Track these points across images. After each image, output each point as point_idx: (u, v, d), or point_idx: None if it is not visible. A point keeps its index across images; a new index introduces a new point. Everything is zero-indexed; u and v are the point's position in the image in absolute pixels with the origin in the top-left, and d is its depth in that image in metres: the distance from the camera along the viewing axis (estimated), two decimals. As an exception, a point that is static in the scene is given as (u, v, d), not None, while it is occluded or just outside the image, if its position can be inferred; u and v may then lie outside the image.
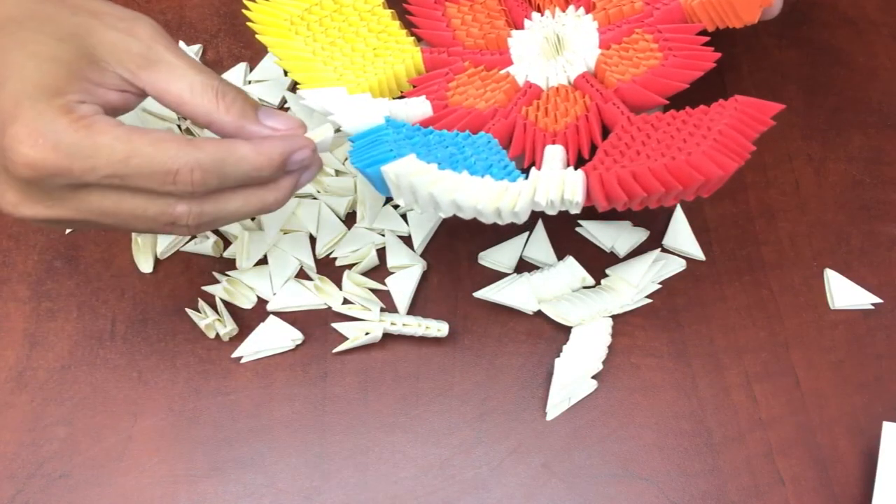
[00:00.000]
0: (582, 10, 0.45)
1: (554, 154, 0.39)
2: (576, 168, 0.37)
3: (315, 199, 0.46)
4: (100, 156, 0.32)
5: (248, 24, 0.44)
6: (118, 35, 0.34)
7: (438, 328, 0.42)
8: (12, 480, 0.40)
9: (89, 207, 0.33)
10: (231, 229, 0.45)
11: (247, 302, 0.44)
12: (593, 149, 0.40)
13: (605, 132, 0.41)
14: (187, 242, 0.45)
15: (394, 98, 0.44)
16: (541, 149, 0.40)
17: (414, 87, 0.44)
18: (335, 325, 0.43)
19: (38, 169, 0.31)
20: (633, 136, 0.39)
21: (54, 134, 0.31)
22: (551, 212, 0.36)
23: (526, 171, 0.38)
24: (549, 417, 0.41)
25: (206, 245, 0.44)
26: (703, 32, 0.41)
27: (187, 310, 0.43)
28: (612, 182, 0.35)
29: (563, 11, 0.45)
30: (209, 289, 0.44)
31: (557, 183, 0.36)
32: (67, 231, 0.46)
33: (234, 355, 0.42)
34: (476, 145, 0.39)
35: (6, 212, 0.33)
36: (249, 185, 0.35)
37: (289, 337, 0.42)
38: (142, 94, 0.35)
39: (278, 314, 0.44)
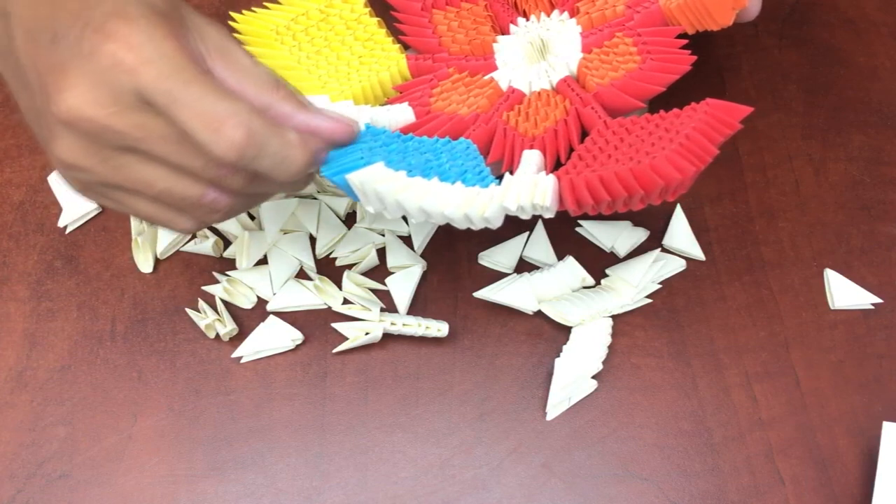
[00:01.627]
0: (566, 14, 0.45)
1: (530, 159, 0.39)
2: (553, 172, 0.37)
3: (315, 199, 0.46)
4: (169, 68, 0.31)
5: (235, 35, 0.44)
6: (202, 20, 0.34)
7: (438, 328, 0.42)
8: (12, 480, 0.40)
9: (141, 167, 0.33)
10: (230, 228, 0.45)
11: (247, 302, 0.44)
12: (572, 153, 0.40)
13: (585, 136, 0.41)
14: (187, 242, 0.45)
15: (379, 105, 0.44)
16: (519, 154, 0.40)
17: (399, 93, 0.44)
18: (335, 325, 0.43)
19: (137, 91, 0.31)
20: (607, 139, 0.39)
21: (162, 58, 0.31)
22: (524, 216, 0.36)
23: (502, 177, 0.37)
24: (549, 417, 0.41)
25: (206, 245, 0.44)
26: (684, 35, 0.42)
27: (187, 310, 0.43)
28: (581, 186, 0.35)
29: (549, 16, 0.45)
30: (209, 289, 0.44)
31: (528, 188, 0.35)
32: (69, 230, 0.46)
33: (234, 355, 0.42)
34: (454, 151, 0.39)
35: (65, 105, 0.32)
36: (273, 174, 0.34)
37: (289, 337, 0.42)
38: None
39: (278, 314, 0.44)
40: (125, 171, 0.33)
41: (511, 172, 0.39)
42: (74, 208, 0.46)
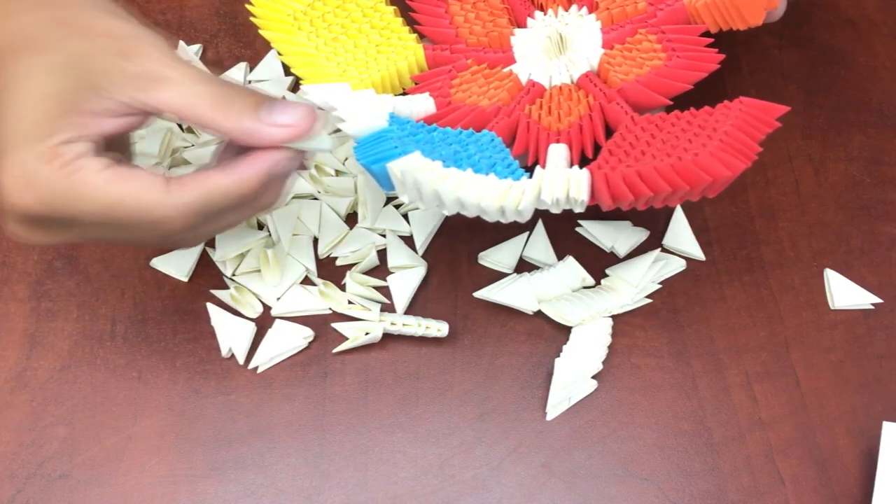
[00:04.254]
0: (585, 9, 0.45)
1: (558, 153, 0.39)
2: (579, 167, 0.37)
3: (316, 199, 0.46)
4: (82, 206, 0.33)
5: (252, 19, 0.44)
6: (113, 59, 0.34)
7: (438, 328, 0.42)
8: (12, 480, 0.40)
9: (89, 236, 0.35)
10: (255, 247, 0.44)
11: (252, 311, 0.43)
12: (597, 148, 0.40)
13: (608, 132, 0.41)
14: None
15: (396, 95, 0.44)
16: (544, 147, 0.40)
17: (417, 83, 0.44)
18: (335, 325, 0.43)
19: (27, 215, 0.33)
20: (637, 135, 0.39)
21: (37, 186, 0.32)
22: (556, 210, 0.36)
23: (529, 170, 0.38)
24: (549, 417, 0.41)
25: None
26: (707, 34, 0.42)
27: (208, 305, 0.43)
28: (617, 181, 0.35)
29: (566, 11, 0.45)
30: (219, 293, 0.44)
31: (563, 182, 0.36)
32: None
33: (251, 366, 0.42)
34: (479, 143, 0.39)
35: (16, 239, 0.35)
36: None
37: (300, 335, 0.42)
38: (146, 114, 0.35)
39: (282, 319, 0.43)
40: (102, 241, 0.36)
41: (539, 165, 0.39)
42: None
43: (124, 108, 0.34)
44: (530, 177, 0.37)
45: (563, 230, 0.45)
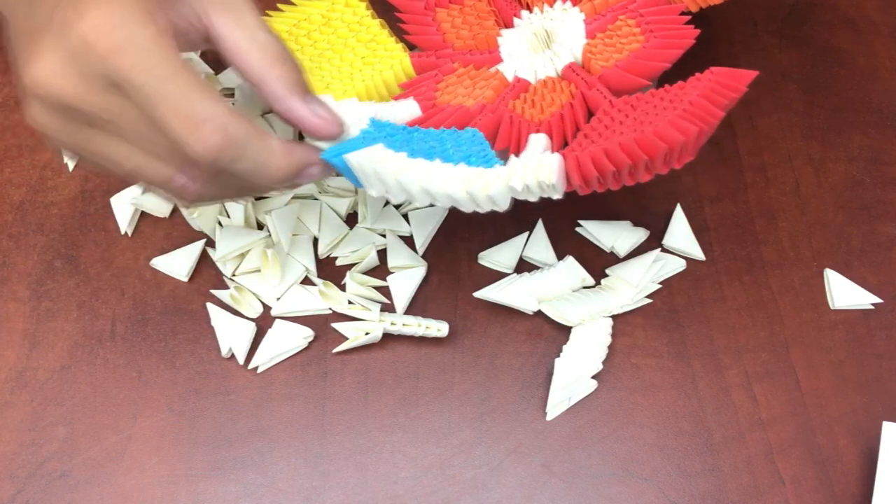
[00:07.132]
0: (569, 3, 0.45)
1: (536, 141, 0.39)
2: (559, 152, 0.37)
3: (316, 199, 0.46)
4: (147, 59, 0.30)
5: None
6: None
7: (438, 328, 0.42)
8: (12, 480, 0.40)
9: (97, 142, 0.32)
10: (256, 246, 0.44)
11: (252, 311, 0.43)
12: None
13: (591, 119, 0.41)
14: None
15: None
16: (526, 139, 0.40)
17: (404, 90, 0.44)
18: (335, 325, 0.43)
19: (91, 44, 0.30)
20: (612, 117, 0.39)
21: (126, 27, 0.30)
22: (531, 198, 0.35)
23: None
24: (549, 417, 0.41)
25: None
26: (688, 14, 0.42)
27: (208, 304, 0.43)
28: (586, 161, 0.35)
29: (552, 7, 0.45)
30: (218, 293, 0.44)
31: (534, 167, 0.35)
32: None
33: (251, 366, 0.42)
34: (460, 140, 0.39)
35: (32, 76, 0.31)
36: (251, 178, 0.34)
37: (300, 335, 0.42)
38: (201, 40, 0.34)
39: (282, 319, 0.43)
40: (93, 146, 0.32)
41: (517, 156, 0.39)
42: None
43: (192, 19, 0.33)
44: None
45: (563, 230, 0.45)
